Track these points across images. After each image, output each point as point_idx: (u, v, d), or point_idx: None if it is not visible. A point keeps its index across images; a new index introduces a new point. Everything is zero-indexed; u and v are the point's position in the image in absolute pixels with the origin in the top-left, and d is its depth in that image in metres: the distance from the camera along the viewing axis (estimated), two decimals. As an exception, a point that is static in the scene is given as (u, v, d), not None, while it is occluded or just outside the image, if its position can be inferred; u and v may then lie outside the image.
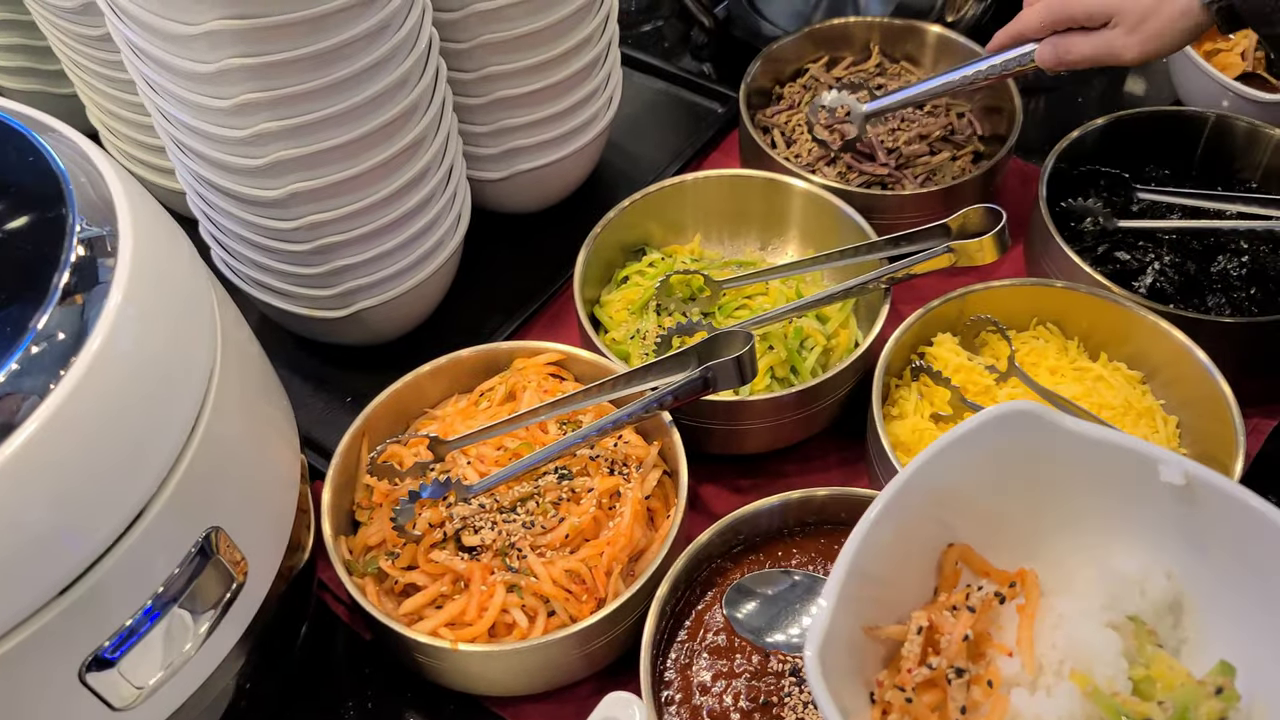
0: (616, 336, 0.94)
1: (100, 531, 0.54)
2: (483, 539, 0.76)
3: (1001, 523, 0.60)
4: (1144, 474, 0.56)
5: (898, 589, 0.59)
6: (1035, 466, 0.59)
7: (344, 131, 0.78)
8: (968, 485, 0.59)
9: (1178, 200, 0.97)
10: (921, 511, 0.58)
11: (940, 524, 0.60)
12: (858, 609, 0.56)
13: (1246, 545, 0.55)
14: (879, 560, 0.56)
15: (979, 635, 0.58)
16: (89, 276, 0.58)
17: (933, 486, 0.58)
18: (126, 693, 0.57)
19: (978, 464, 0.58)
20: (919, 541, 0.60)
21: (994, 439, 0.58)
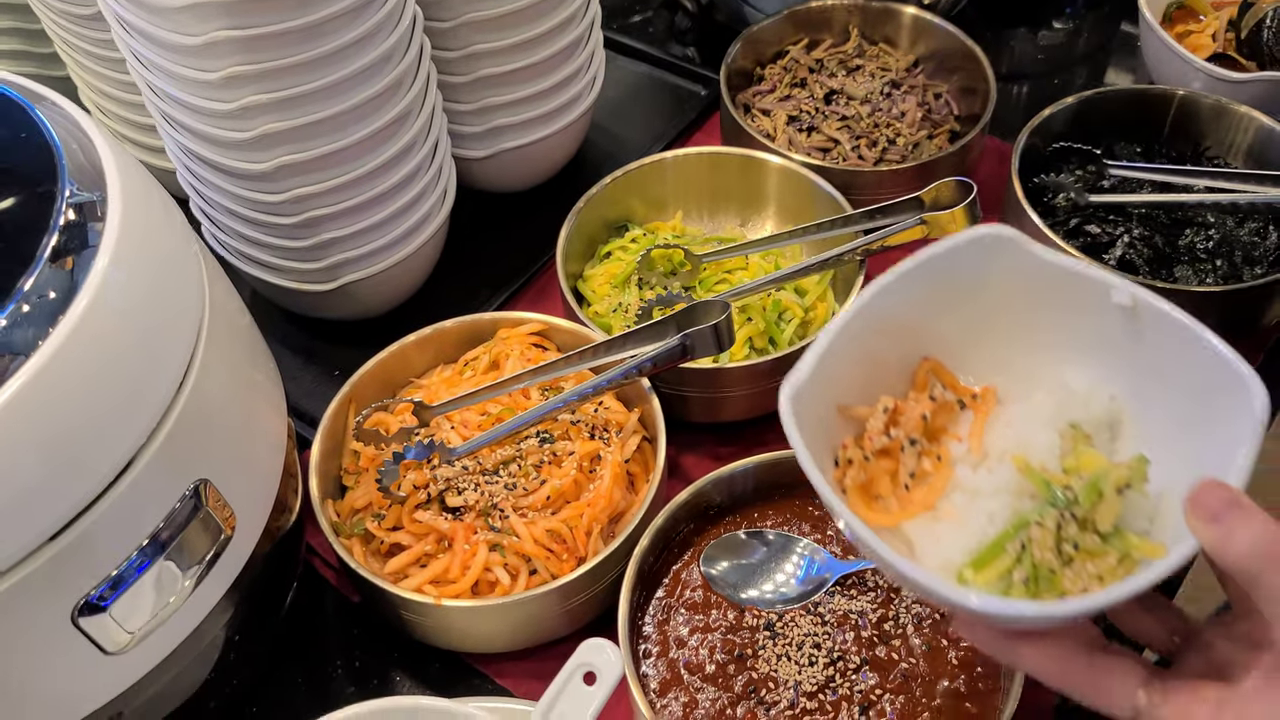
0: (599, 310, 0.96)
1: (90, 479, 0.56)
2: (466, 500, 0.78)
3: (972, 341, 0.65)
4: (1100, 299, 0.60)
5: (869, 387, 0.64)
6: (1007, 289, 0.63)
7: (330, 105, 0.80)
8: (942, 301, 0.63)
9: (1147, 176, 0.99)
10: (895, 321, 0.63)
11: (916, 335, 0.65)
12: (833, 389, 0.62)
13: (1184, 369, 0.58)
14: (853, 355, 0.62)
15: (936, 428, 0.63)
16: (79, 239, 0.60)
17: (914, 295, 0.62)
18: (118, 637, 0.59)
19: (955, 280, 0.63)
20: (895, 348, 0.65)
21: (972, 257, 0.62)
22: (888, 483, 0.62)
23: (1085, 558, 0.56)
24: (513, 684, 0.81)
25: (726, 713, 0.70)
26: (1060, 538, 0.56)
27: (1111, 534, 0.56)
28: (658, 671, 0.73)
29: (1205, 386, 0.57)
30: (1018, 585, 0.56)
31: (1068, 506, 0.57)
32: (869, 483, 0.62)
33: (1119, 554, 0.56)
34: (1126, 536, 0.56)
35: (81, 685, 0.60)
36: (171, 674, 0.66)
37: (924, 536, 0.60)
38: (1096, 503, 0.56)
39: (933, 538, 0.60)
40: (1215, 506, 0.50)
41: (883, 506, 0.62)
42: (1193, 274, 0.94)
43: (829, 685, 0.71)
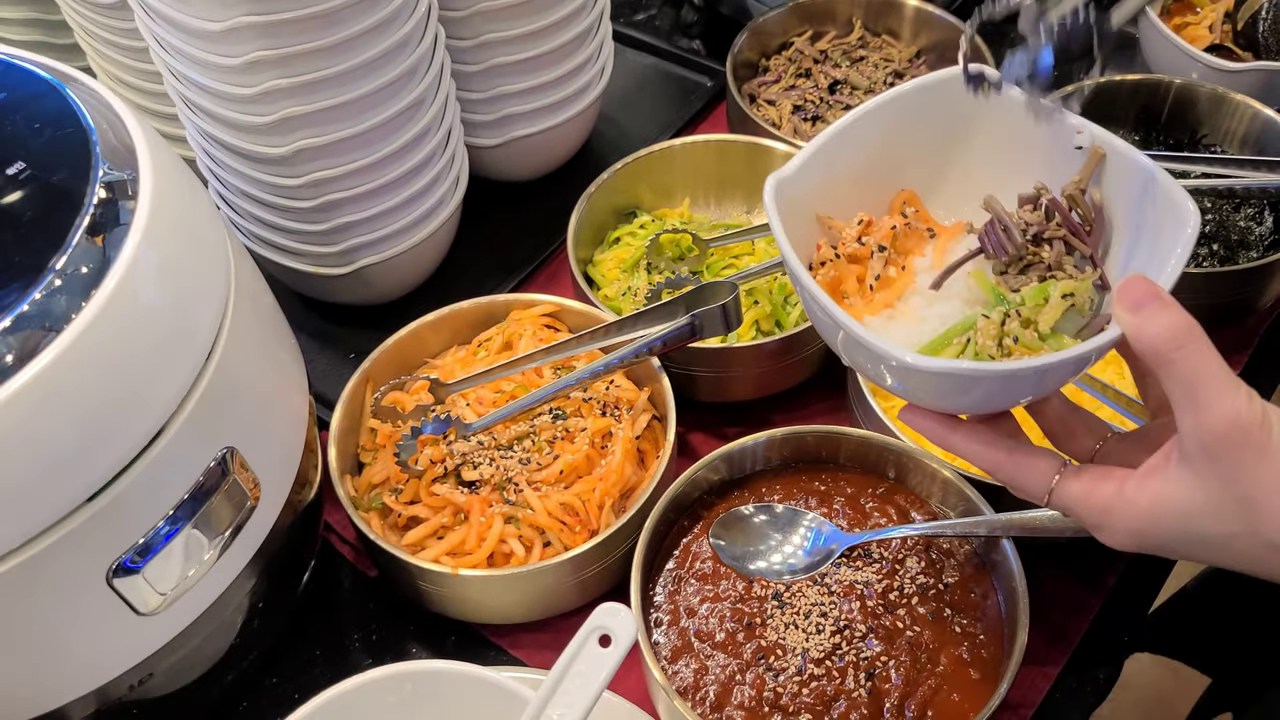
0: (609, 293, 0.98)
1: (124, 444, 0.58)
2: (481, 474, 0.80)
3: (947, 177, 0.69)
4: (1065, 137, 0.65)
5: (849, 202, 0.69)
6: (981, 127, 0.67)
7: (349, 90, 0.82)
8: (922, 134, 0.67)
9: (1145, 162, 1.01)
10: (880, 146, 0.67)
11: (897, 164, 0.69)
12: (816, 196, 0.67)
13: (1135, 204, 0.63)
14: (838, 169, 0.66)
15: (905, 248, 0.68)
16: (111, 216, 0.62)
17: (899, 120, 0.67)
18: (150, 598, 0.61)
19: (932, 115, 0.67)
20: (876, 173, 0.69)
21: (956, 91, 0.65)
22: (854, 284, 0.67)
23: (1023, 350, 0.59)
24: (526, 655, 0.83)
25: (736, 678, 0.72)
26: (1003, 332, 0.60)
27: (1049, 335, 0.60)
28: (669, 639, 0.75)
29: (1152, 219, 0.61)
30: None
31: (1014, 308, 0.61)
32: (837, 281, 0.67)
33: (1053, 349, 0.59)
34: (1061, 338, 0.60)
35: (116, 644, 0.62)
36: (198, 639, 0.68)
37: (880, 328, 0.65)
38: (1040, 306, 0.60)
39: (888, 330, 0.65)
40: (1138, 297, 0.53)
41: (847, 305, 0.66)
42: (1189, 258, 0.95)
43: (835, 652, 0.73)
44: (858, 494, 0.82)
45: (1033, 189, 0.66)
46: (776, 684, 0.71)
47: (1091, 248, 0.65)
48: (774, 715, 0.70)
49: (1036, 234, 0.65)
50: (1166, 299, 0.53)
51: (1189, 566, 0.94)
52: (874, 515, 0.80)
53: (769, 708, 0.71)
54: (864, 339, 0.58)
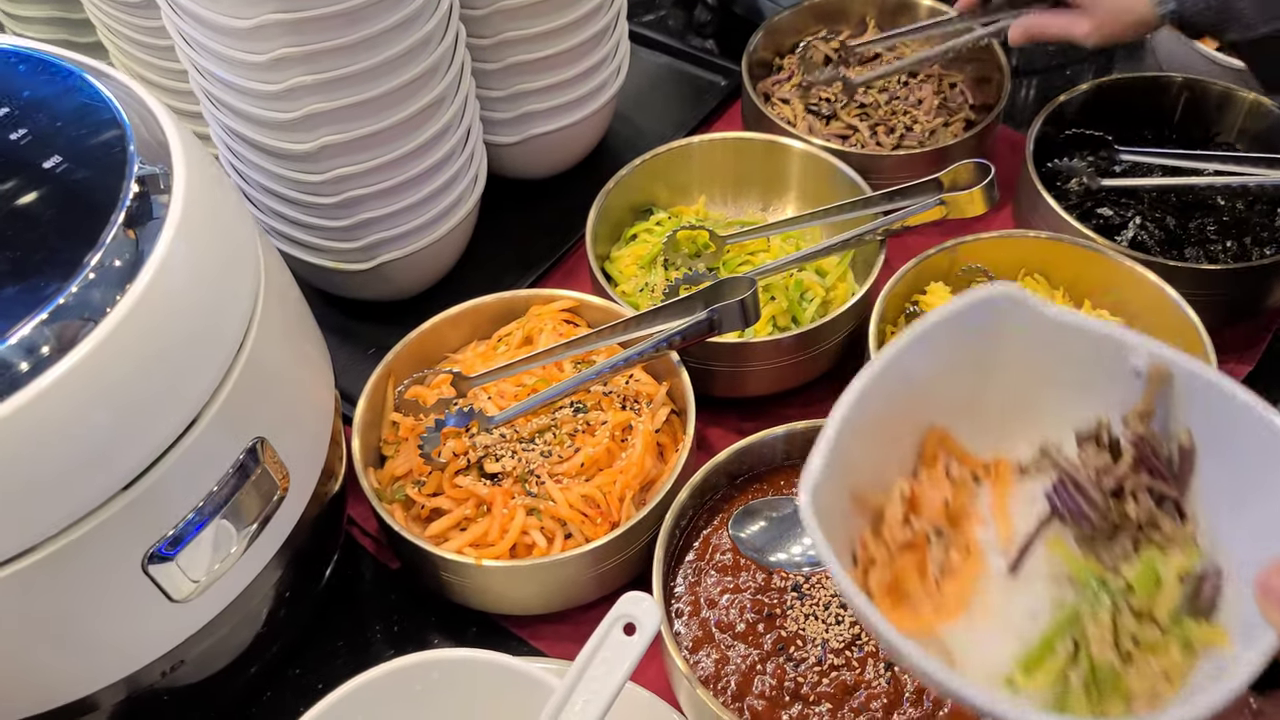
0: (626, 289, 0.99)
1: (158, 434, 0.59)
2: (503, 466, 0.81)
3: (979, 405, 0.62)
4: (1119, 359, 0.58)
5: (881, 467, 0.61)
6: (1017, 351, 0.60)
7: (372, 87, 0.83)
8: (950, 366, 0.61)
9: (1158, 160, 1.02)
10: (905, 389, 0.60)
11: (923, 404, 0.62)
12: (843, 478, 0.58)
13: (1218, 433, 0.55)
14: (864, 433, 0.58)
15: (957, 510, 0.60)
16: (145, 211, 0.63)
17: (917, 365, 0.59)
18: (184, 586, 0.62)
19: (960, 346, 0.60)
20: (901, 421, 0.61)
21: (979, 319, 0.59)
22: (916, 579, 0.57)
23: (1147, 653, 0.52)
24: (546, 646, 0.84)
25: (757, 668, 0.73)
26: (1118, 632, 0.52)
27: (1172, 627, 0.52)
28: (690, 630, 0.76)
29: (1246, 450, 0.53)
30: (1076, 690, 0.52)
31: (1120, 596, 0.53)
32: (895, 581, 0.57)
33: (1180, 643, 0.52)
34: (1186, 624, 0.52)
35: (150, 631, 0.63)
36: (226, 627, 0.69)
37: (962, 640, 0.55)
38: (1154, 592, 0.52)
39: (972, 641, 0.55)
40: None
41: (913, 608, 0.57)
42: (1203, 255, 0.96)
43: (855, 643, 0.74)
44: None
45: (1091, 421, 0.58)
46: (797, 674, 0.72)
47: (1180, 494, 0.56)
48: (795, 704, 0.71)
49: (1115, 487, 0.57)
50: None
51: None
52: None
53: (790, 697, 0.72)
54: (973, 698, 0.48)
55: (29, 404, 0.54)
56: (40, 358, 0.55)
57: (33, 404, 0.54)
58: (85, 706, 0.64)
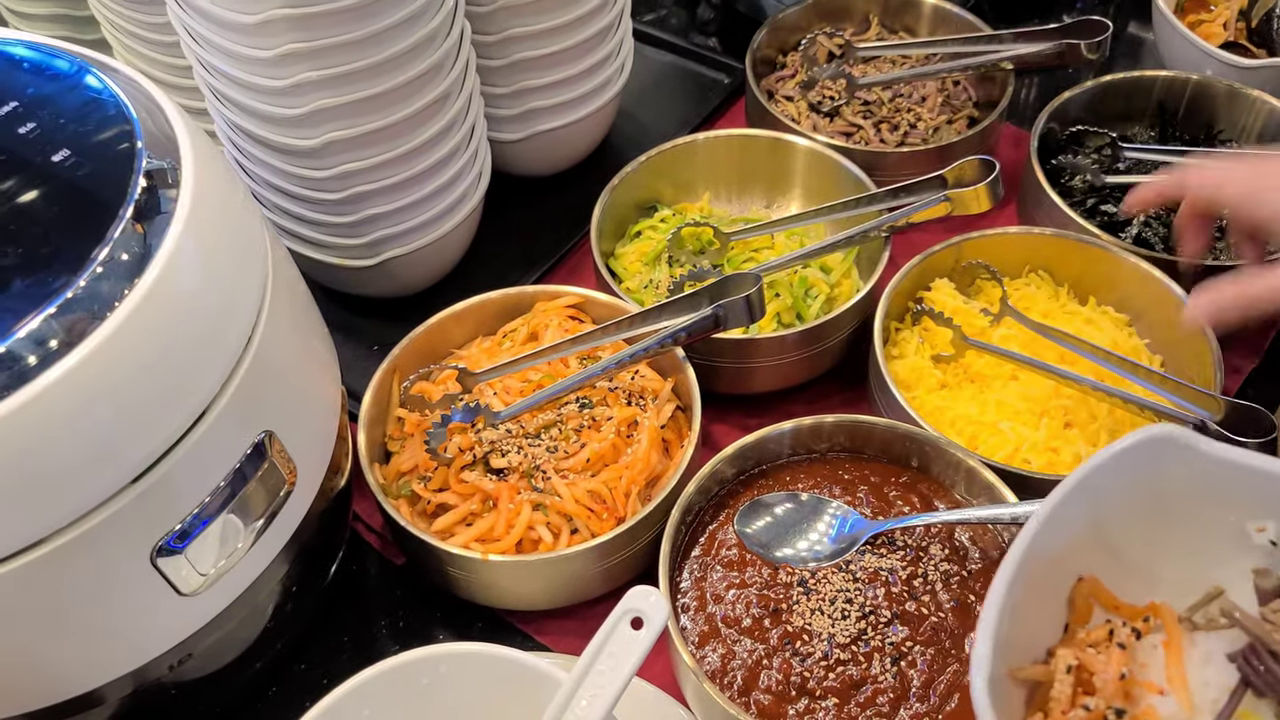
0: (631, 286, 0.99)
1: (167, 427, 0.59)
2: (509, 462, 0.81)
3: (1130, 549, 0.59)
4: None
5: (1031, 628, 0.58)
6: (1173, 491, 0.57)
7: (378, 83, 0.83)
8: (1104, 514, 0.58)
9: (1162, 157, 1.02)
10: (1056, 545, 0.57)
11: (1072, 556, 0.59)
12: (1005, 654, 0.55)
13: None
14: (1021, 600, 0.55)
15: (1131, 680, 0.56)
16: (153, 205, 0.63)
17: (1069, 520, 0.57)
18: (192, 579, 0.62)
19: (1117, 490, 0.57)
20: (1052, 576, 0.59)
21: (1137, 462, 0.56)
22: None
23: None
24: (552, 641, 0.84)
25: (763, 663, 0.73)
26: None
27: None
28: (696, 625, 0.76)
29: None
30: None
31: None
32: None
33: None
34: None
35: (158, 624, 0.63)
36: (234, 622, 0.69)
37: None
38: None
39: None
40: None
41: None
42: (1207, 251, 0.96)
43: (861, 638, 0.74)
44: (881, 483, 0.82)
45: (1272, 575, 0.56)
46: (803, 668, 0.72)
47: None
48: (801, 699, 0.71)
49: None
50: None
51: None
52: (897, 504, 0.81)
53: (795, 691, 0.72)
54: None
55: (37, 398, 0.54)
56: (48, 351, 0.55)
57: (41, 398, 0.54)
58: (92, 700, 0.64)
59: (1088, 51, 1.04)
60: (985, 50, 1.09)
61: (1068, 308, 0.94)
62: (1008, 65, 1.09)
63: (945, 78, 1.15)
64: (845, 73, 1.11)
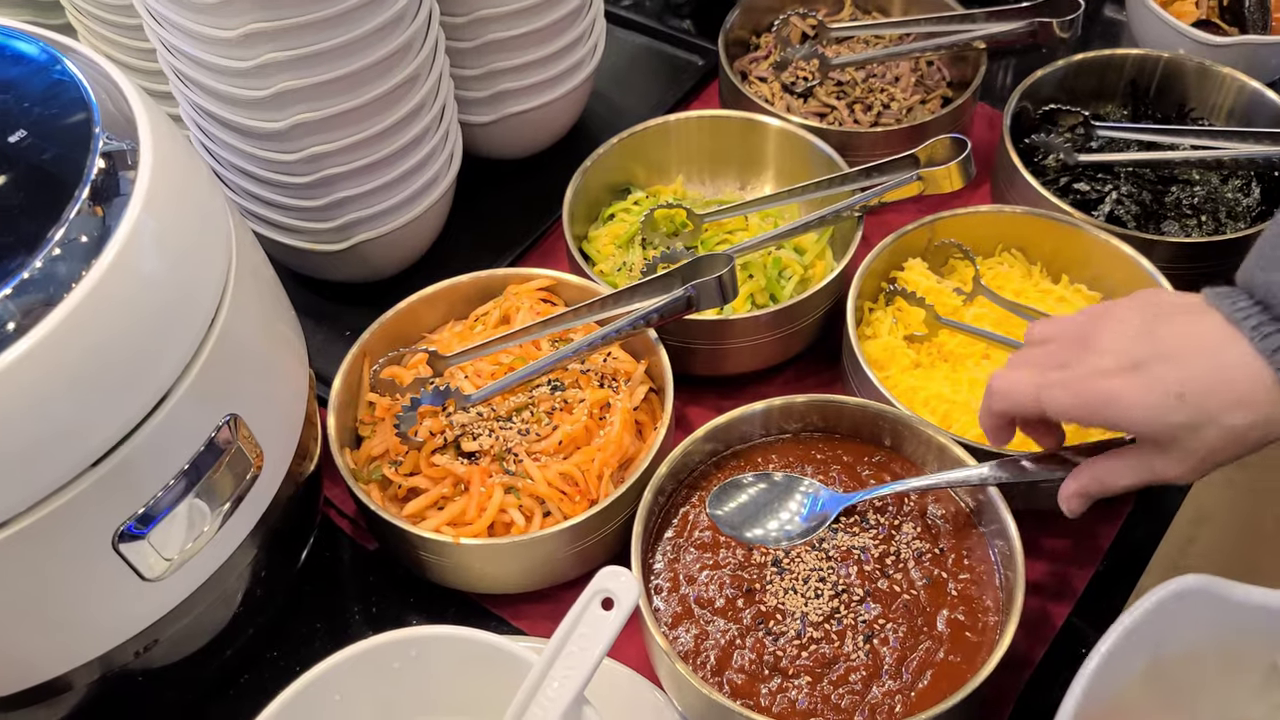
0: (604, 269, 0.99)
1: (128, 409, 0.58)
2: (481, 445, 0.80)
3: (1166, 695, 0.60)
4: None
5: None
6: (1204, 640, 0.58)
7: (346, 63, 0.82)
8: (1144, 663, 0.58)
9: (1134, 136, 1.02)
10: (1105, 702, 0.57)
11: (1116, 710, 0.59)
12: None
13: None
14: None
15: None
16: (111, 186, 0.62)
17: (1114, 669, 0.57)
18: (156, 564, 0.62)
19: (1144, 646, 0.57)
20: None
21: (1164, 617, 0.57)
22: None
23: None
24: (527, 625, 0.83)
25: (736, 643, 0.73)
26: None
27: None
28: (669, 606, 0.76)
29: None
30: None
31: None
32: None
33: None
34: None
35: (122, 609, 0.62)
36: (201, 607, 0.68)
37: None
38: None
39: None
40: None
41: None
42: (1179, 229, 0.97)
43: (834, 616, 0.74)
44: (854, 462, 0.82)
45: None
46: (776, 647, 0.72)
47: None
48: (774, 678, 0.71)
49: None
50: None
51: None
52: (870, 483, 0.81)
53: (769, 670, 0.71)
54: None
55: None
56: (4, 334, 0.54)
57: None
58: (59, 686, 0.64)
59: (1060, 30, 1.04)
60: (958, 30, 1.09)
61: (1040, 286, 0.94)
62: (980, 44, 1.09)
63: (919, 58, 1.14)
64: (818, 53, 1.10)
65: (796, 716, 0.69)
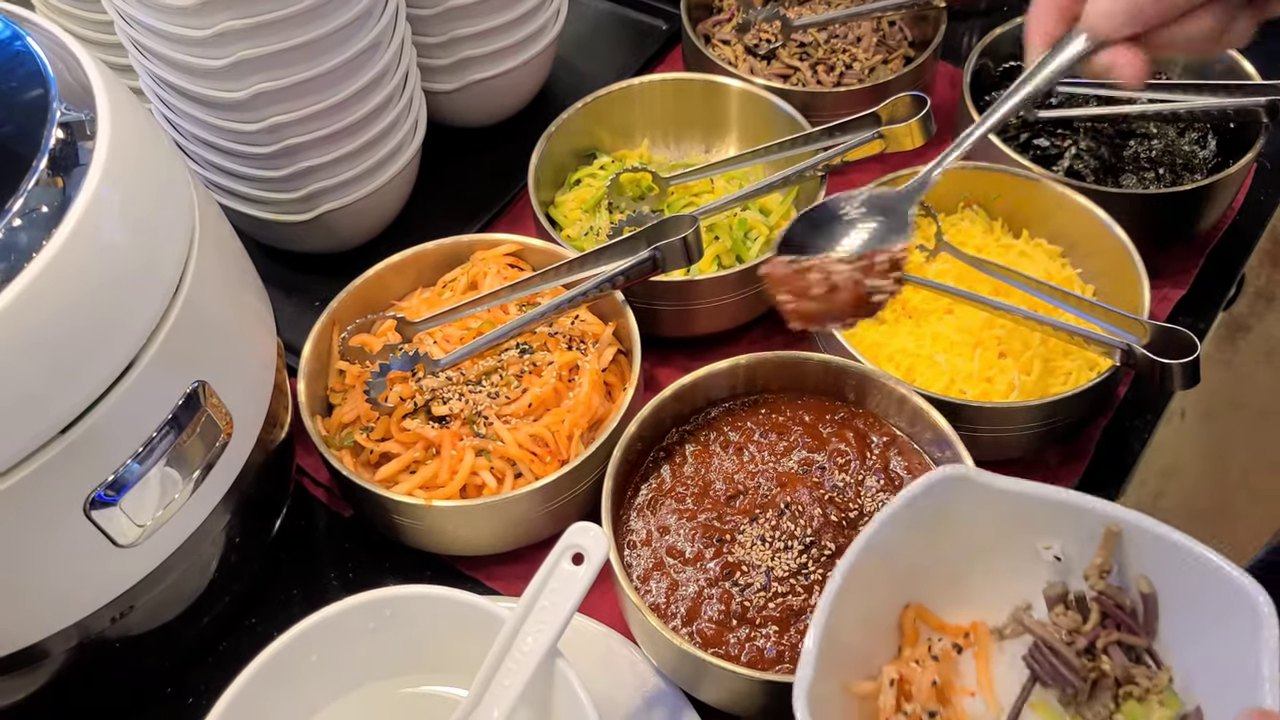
0: (571, 234, 0.99)
1: (94, 377, 0.59)
2: (451, 409, 0.81)
3: (949, 577, 0.66)
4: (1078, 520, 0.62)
5: (866, 651, 0.65)
6: (975, 522, 0.64)
7: (305, 31, 0.82)
8: (914, 546, 0.64)
9: (1093, 91, 1.03)
10: (876, 576, 0.64)
11: (895, 585, 0.66)
12: (834, 673, 0.61)
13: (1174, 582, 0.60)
14: (846, 623, 0.61)
15: (944, 682, 0.64)
16: (70, 156, 0.62)
17: (884, 551, 0.64)
18: (129, 530, 0.62)
19: (920, 526, 0.64)
20: (879, 604, 0.66)
21: (930, 501, 0.63)
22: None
23: None
24: (503, 586, 0.84)
25: (705, 593, 0.74)
26: None
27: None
28: (642, 561, 0.77)
29: (1195, 590, 0.58)
30: None
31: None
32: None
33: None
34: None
35: (96, 576, 0.63)
36: (176, 573, 0.69)
37: None
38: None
39: None
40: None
41: None
42: (1137, 182, 0.98)
43: (802, 571, 0.75)
44: (816, 421, 0.83)
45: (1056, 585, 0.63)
46: (743, 598, 0.74)
47: (1149, 640, 0.61)
48: (742, 627, 0.73)
49: (1088, 644, 0.61)
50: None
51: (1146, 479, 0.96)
52: (833, 440, 0.82)
53: (736, 620, 0.73)
54: None
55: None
56: (-35, 304, 0.54)
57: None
58: (36, 654, 0.64)
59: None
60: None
61: (1002, 241, 0.96)
62: (940, 3, 1.09)
63: (880, 18, 1.15)
64: (780, 15, 1.11)
65: (764, 664, 0.71)
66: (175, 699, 0.80)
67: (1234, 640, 0.55)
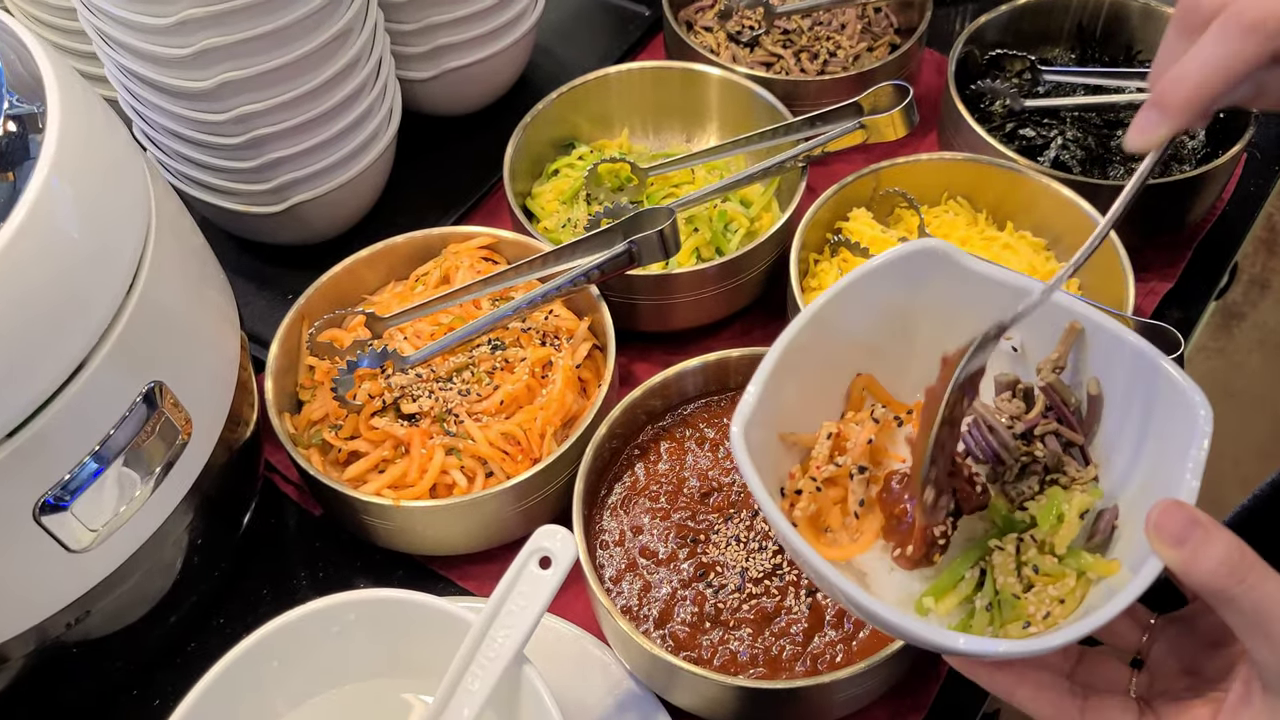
0: (548, 225, 0.97)
1: (41, 379, 0.57)
2: (421, 407, 0.79)
3: (904, 353, 0.64)
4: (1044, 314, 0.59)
5: (810, 410, 0.64)
6: (938, 302, 0.62)
7: (271, 19, 0.80)
8: (878, 315, 0.63)
9: (1080, 80, 1.02)
10: (834, 337, 0.62)
11: (849, 354, 0.64)
12: (775, 417, 0.61)
13: (1119, 379, 0.59)
14: (795, 377, 0.60)
15: (879, 448, 0.63)
16: (20, 150, 0.60)
17: (846, 313, 0.62)
18: (82, 535, 0.61)
19: (887, 295, 0.62)
20: (831, 368, 0.64)
21: (902, 272, 0.61)
22: (837, 514, 0.61)
23: (1044, 580, 0.55)
24: (475, 586, 0.83)
25: (678, 594, 0.73)
26: (1020, 562, 0.56)
27: (1067, 556, 0.56)
28: (614, 562, 0.75)
29: (1142, 396, 0.57)
30: (980, 612, 0.56)
31: (1026, 530, 0.57)
32: (818, 514, 0.61)
33: (1075, 573, 0.55)
34: (1081, 555, 0.55)
35: (49, 581, 0.62)
36: (135, 577, 0.67)
37: (877, 566, 0.59)
38: (1056, 527, 0.56)
39: (886, 567, 0.59)
40: (1177, 529, 0.48)
41: (833, 539, 0.61)
42: (1124, 173, 0.96)
43: (776, 572, 0.74)
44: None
45: (1008, 374, 0.62)
46: (717, 599, 0.72)
47: (1085, 439, 0.60)
48: (715, 630, 0.71)
49: (1026, 430, 0.60)
50: (1207, 523, 0.48)
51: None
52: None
53: (710, 623, 0.72)
54: (890, 620, 0.51)
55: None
56: (-90, 302, 0.53)
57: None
58: (-7, 659, 0.63)
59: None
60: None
61: (986, 233, 0.94)
62: (926, -11, 1.07)
63: (865, 4, 1.13)
64: (763, 1, 1.08)
65: (738, 667, 0.69)
66: (141, 701, 0.78)
67: (1168, 450, 0.54)
